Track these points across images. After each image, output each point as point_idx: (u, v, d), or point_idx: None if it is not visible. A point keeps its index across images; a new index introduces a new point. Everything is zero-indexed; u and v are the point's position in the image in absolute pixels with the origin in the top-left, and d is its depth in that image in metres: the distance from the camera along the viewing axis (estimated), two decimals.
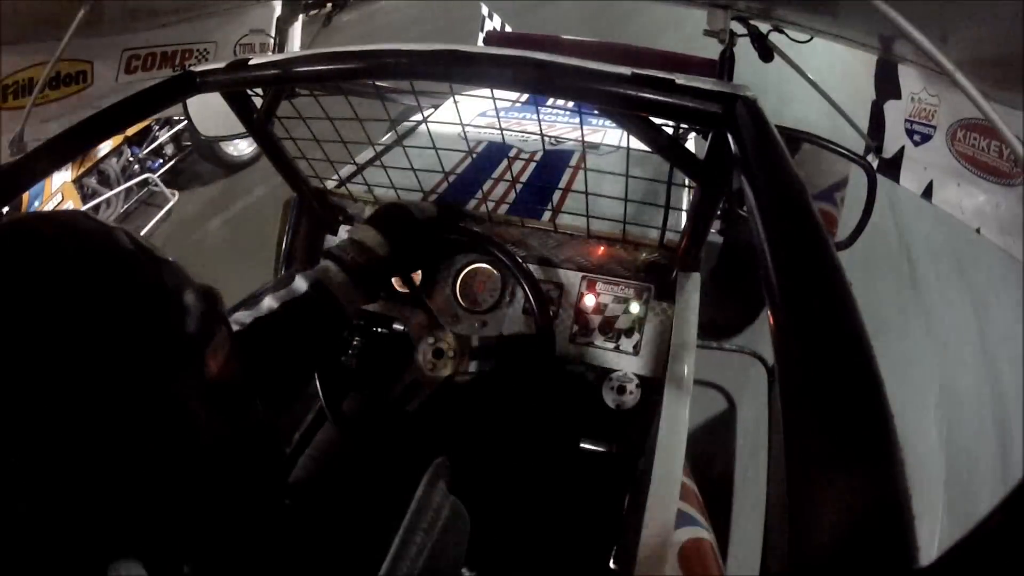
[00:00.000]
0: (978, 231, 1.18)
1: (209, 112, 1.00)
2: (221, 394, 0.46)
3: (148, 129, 3.16)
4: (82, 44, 1.25)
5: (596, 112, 1.51)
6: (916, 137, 1.37)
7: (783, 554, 0.23)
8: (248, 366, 0.67)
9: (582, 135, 0.88)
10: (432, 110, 1.72)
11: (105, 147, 2.89)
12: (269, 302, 0.76)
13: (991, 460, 1.86)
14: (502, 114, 1.64)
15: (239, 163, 3.41)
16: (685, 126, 0.82)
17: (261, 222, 1.16)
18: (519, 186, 1.17)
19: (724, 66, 1.61)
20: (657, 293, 1.01)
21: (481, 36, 2.60)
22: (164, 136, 3.24)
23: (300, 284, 0.78)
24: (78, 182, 2.80)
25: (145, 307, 0.41)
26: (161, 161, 3.26)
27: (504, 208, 1.12)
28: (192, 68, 0.82)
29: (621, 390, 1.02)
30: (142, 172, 3.10)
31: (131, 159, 3.08)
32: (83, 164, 2.81)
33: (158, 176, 3.14)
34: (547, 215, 1.11)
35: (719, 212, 1.05)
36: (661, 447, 0.73)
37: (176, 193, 3.12)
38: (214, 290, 0.48)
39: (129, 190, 3.03)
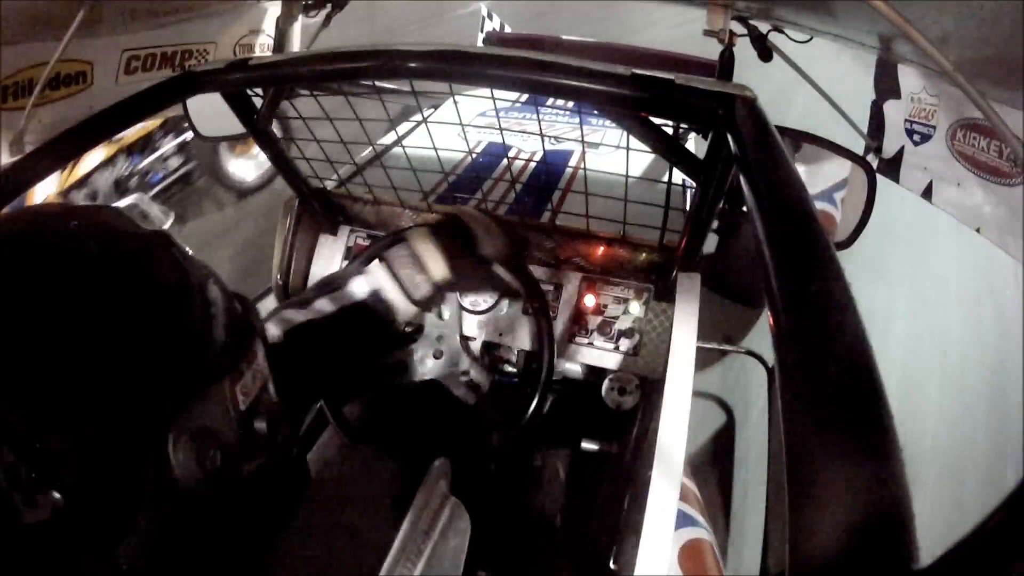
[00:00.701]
0: (978, 231, 1.18)
1: (209, 112, 1.00)
2: (252, 410, 0.44)
3: (150, 137, 2.78)
4: (82, 44, 1.25)
5: (596, 112, 1.52)
6: (916, 137, 1.37)
7: (783, 554, 0.23)
8: (294, 366, 0.64)
9: (582, 135, 0.89)
10: (432, 110, 1.72)
11: (96, 157, 2.56)
12: (323, 304, 0.72)
13: (989, 458, 1.86)
14: (502, 114, 1.64)
15: (245, 188, 3.06)
16: (685, 126, 0.82)
17: (260, 259, 1.12)
18: (519, 186, 1.17)
19: (724, 66, 1.61)
20: (657, 294, 1.01)
21: (481, 36, 2.60)
22: (168, 145, 2.81)
23: (356, 289, 0.73)
24: (64, 195, 2.53)
25: (175, 319, 0.38)
26: (162, 175, 2.89)
27: (504, 208, 1.12)
28: (192, 68, 0.82)
29: (621, 391, 1.02)
30: (140, 186, 2.76)
31: (126, 173, 2.75)
32: (72, 174, 2.53)
33: (157, 190, 2.82)
34: (547, 215, 1.11)
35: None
36: (661, 447, 0.73)
37: (171, 214, 2.63)
38: (248, 302, 0.46)
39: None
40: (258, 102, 0.91)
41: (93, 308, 0.35)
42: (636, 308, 1.02)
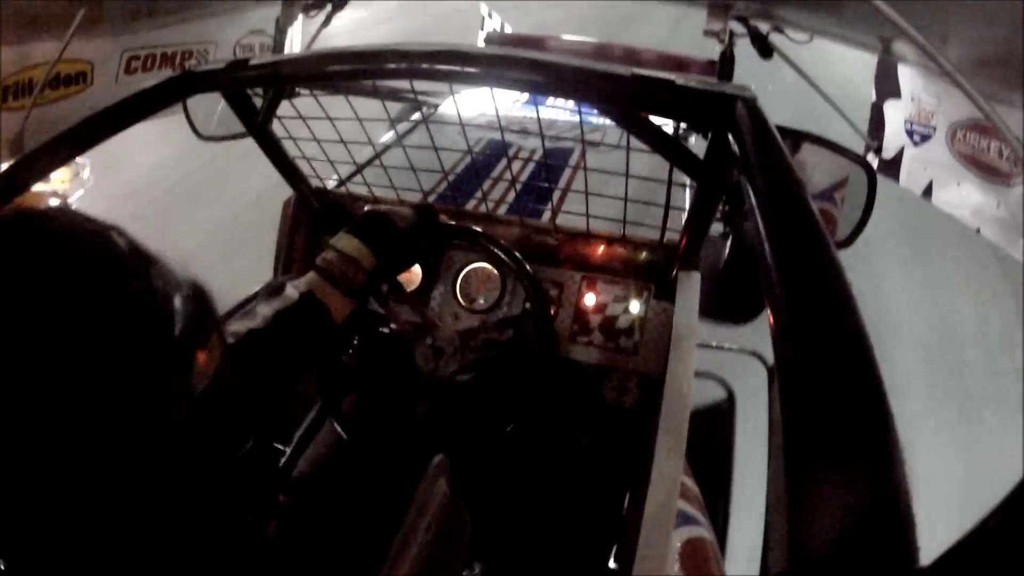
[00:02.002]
0: (978, 231, 1.18)
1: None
2: (210, 400, 0.45)
3: None
4: (82, 44, 1.26)
5: (596, 111, 1.52)
6: (916, 137, 1.37)
7: (783, 554, 0.23)
8: (244, 373, 0.64)
9: (582, 135, 0.88)
10: (432, 110, 1.72)
11: None
12: (263, 310, 0.76)
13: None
14: (502, 113, 1.64)
15: None
16: (685, 126, 0.82)
17: None
18: (519, 185, 1.17)
19: (724, 66, 1.61)
20: (657, 292, 1.01)
21: (481, 36, 2.60)
22: None
23: (291, 293, 0.79)
24: None
25: (131, 309, 0.39)
26: None
27: (504, 208, 1.12)
28: (192, 68, 0.82)
29: (621, 389, 1.02)
30: None
31: None
32: None
33: None
34: (547, 214, 1.11)
35: (720, 212, 1.04)
36: (661, 447, 0.73)
37: None
38: (206, 292, 0.47)
39: None
40: (258, 102, 0.91)
41: (58, 296, 0.37)
42: (636, 307, 1.02)
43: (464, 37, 2.42)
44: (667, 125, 0.72)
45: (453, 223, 1.04)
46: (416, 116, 1.64)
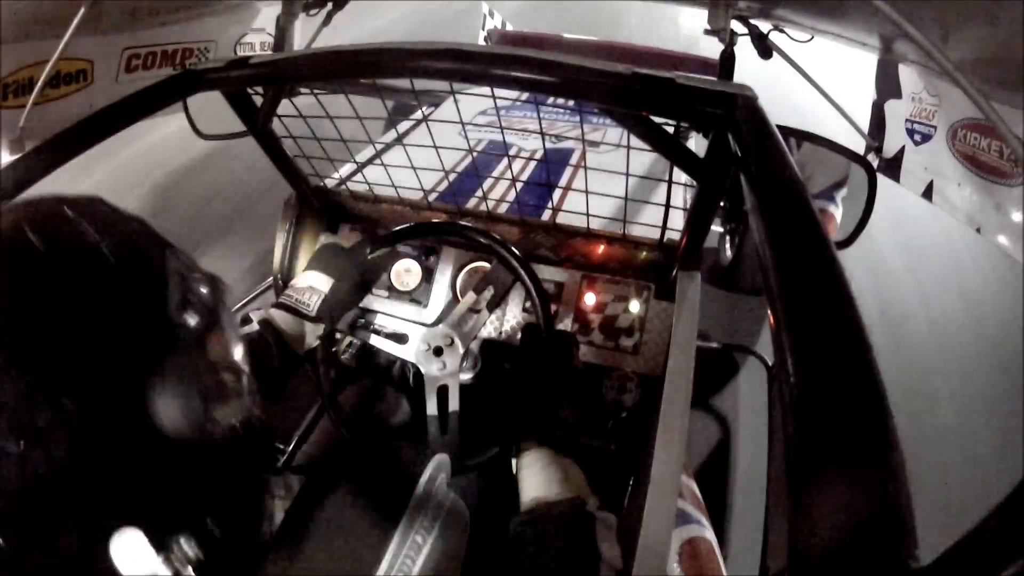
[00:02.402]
0: (978, 231, 1.18)
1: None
2: (221, 379, 0.47)
3: None
4: (82, 42, 1.25)
5: (596, 111, 1.51)
6: (916, 137, 1.37)
7: (783, 554, 0.23)
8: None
9: (582, 134, 0.88)
10: (432, 108, 1.72)
11: None
12: None
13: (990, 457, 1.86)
14: (502, 113, 1.64)
15: None
16: (686, 125, 0.82)
17: None
18: (519, 185, 1.17)
19: (725, 65, 1.61)
20: (657, 292, 1.01)
21: (482, 35, 2.60)
22: None
23: (252, 324, 0.87)
24: None
25: (151, 292, 0.42)
26: None
27: (504, 207, 1.12)
28: (193, 66, 0.82)
29: (621, 389, 1.02)
30: None
31: None
32: None
33: None
34: (547, 214, 1.11)
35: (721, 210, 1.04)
36: (661, 446, 0.73)
37: None
38: (219, 280, 0.49)
39: None
40: (258, 100, 0.91)
41: (88, 286, 0.39)
42: (636, 306, 1.02)
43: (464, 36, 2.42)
44: (668, 124, 0.72)
45: (454, 221, 1.04)
46: (416, 115, 1.65)
